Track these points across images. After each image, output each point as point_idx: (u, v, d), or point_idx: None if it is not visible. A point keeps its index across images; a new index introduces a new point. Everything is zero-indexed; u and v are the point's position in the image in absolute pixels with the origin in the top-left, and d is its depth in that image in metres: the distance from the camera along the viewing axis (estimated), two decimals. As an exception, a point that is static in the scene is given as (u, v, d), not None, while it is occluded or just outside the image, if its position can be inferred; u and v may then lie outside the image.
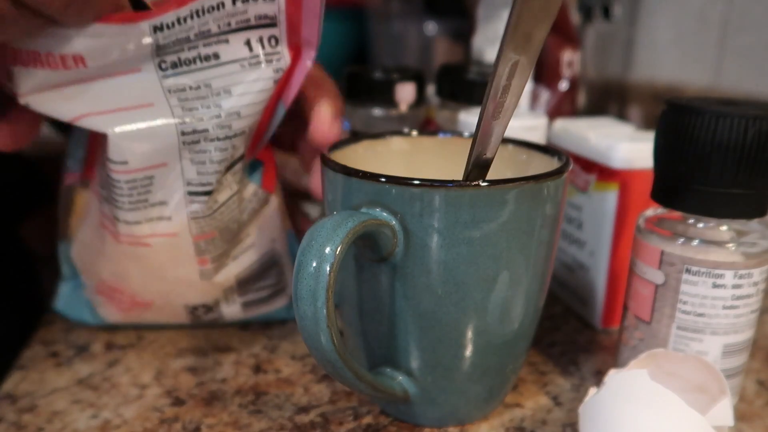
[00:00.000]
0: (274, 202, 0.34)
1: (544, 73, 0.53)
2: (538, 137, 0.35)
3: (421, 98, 0.42)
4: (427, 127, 0.45)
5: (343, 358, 0.22)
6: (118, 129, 0.28)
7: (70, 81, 0.27)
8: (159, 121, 0.28)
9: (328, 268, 0.21)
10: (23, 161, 0.47)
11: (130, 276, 0.32)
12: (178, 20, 0.26)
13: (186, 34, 0.27)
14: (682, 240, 0.26)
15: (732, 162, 0.24)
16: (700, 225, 0.26)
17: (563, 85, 0.53)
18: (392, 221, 0.23)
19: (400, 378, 0.26)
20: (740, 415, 0.28)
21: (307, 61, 0.29)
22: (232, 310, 0.34)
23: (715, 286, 0.25)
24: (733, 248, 0.25)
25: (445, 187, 0.22)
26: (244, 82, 0.28)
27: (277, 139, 0.34)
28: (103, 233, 0.31)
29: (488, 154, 0.24)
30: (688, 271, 0.25)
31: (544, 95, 0.53)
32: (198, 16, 0.27)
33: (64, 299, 0.36)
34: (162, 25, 0.26)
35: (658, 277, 0.26)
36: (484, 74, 0.40)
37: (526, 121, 0.35)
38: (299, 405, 0.28)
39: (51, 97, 0.27)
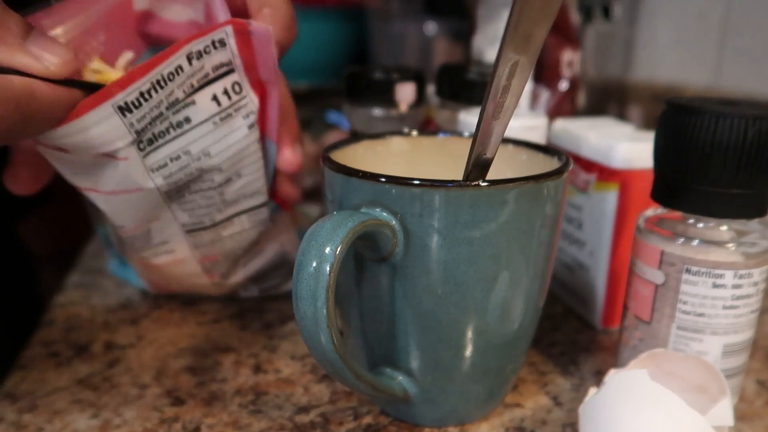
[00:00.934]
0: (284, 215, 0.35)
1: (544, 73, 0.53)
2: (538, 137, 0.35)
3: (421, 98, 0.42)
4: (427, 127, 0.45)
5: (343, 358, 0.22)
6: (111, 206, 0.30)
7: (68, 160, 0.28)
8: (147, 196, 0.29)
9: (328, 268, 0.21)
10: None
11: (153, 277, 0.36)
12: (141, 95, 0.26)
13: (158, 111, 0.27)
14: (682, 240, 0.26)
15: (732, 162, 0.24)
16: (700, 225, 0.26)
17: (563, 85, 0.53)
18: (392, 221, 0.23)
19: (400, 378, 0.26)
20: (740, 415, 0.28)
21: (275, 98, 0.30)
22: (250, 292, 0.38)
23: (715, 286, 0.25)
24: (733, 248, 0.25)
25: (445, 187, 0.22)
26: (219, 140, 0.29)
27: None
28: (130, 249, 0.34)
29: (488, 154, 0.24)
30: (688, 271, 0.25)
31: (544, 95, 0.53)
32: (161, 86, 0.26)
33: (114, 264, 0.40)
34: (126, 105, 0.26)
35: (658, 277, 0.26)
36: (484, 74, 0.40)
37: (526, 121, 0.35)
38: (299, 405, 0.28)
39: (60, 168, 0.28)
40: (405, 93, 0.41)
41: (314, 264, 0.21)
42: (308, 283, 0.21)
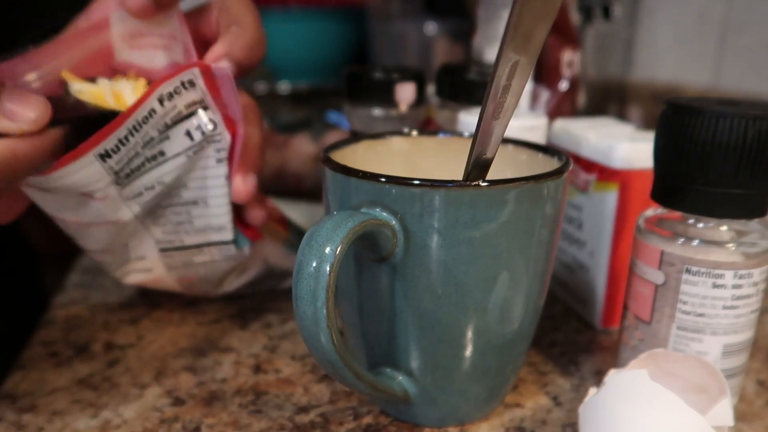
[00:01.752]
0: (262, 241, 0.36)
1: (544, 73, 0.53)
2: (538, 137, 0.35)
3: (421, 98, 0.42)
4: (427, 127, 0.45)
5: (343, 358, 0.22)
6: (83, 236, 0.31)
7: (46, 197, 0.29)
8: (123, 226, 0.31)
9: (328, 268, 0.21)
10: None
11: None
12: (120, 142, 0.27)
13: (134, 151, 0.28)
14: (682, 240, 0.26)
15: (732, 162, 0.24)
16: (700, 225, 0.26)
17: (563, 85, 0.53)
18: (392, 221, 0.23)
19: (400, 378, 0.26)
20: (740, 415, 0.28)
21: (240, 137, 0.31)
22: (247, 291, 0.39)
23: (715, 286, 0.25)
24: (733, 248, 0.25)
25: (445, 187, 0.22)
26: (191, 169, 0.30)
27: None
28: None
29: (488, 154, 0.24)
30: (688, 271, 0.25)
31: (544, 95, 0.53)
32: (136, 130, 0.28)
33: None
34: (106, 152, 0.27)
35: (658, 277, 0.26)
36: (484, 74, 0.40)
37: (526, 121, 0.35)
38: (299, 405, 0.28)
39: (37, 201, 0.29)
40: (405, 93, 0.41)
41: (314, 264, 0.21)
42: (308, 283, 0.21)
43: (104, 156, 0.27)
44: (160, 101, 0.28)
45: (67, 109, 0.27)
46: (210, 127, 0.30)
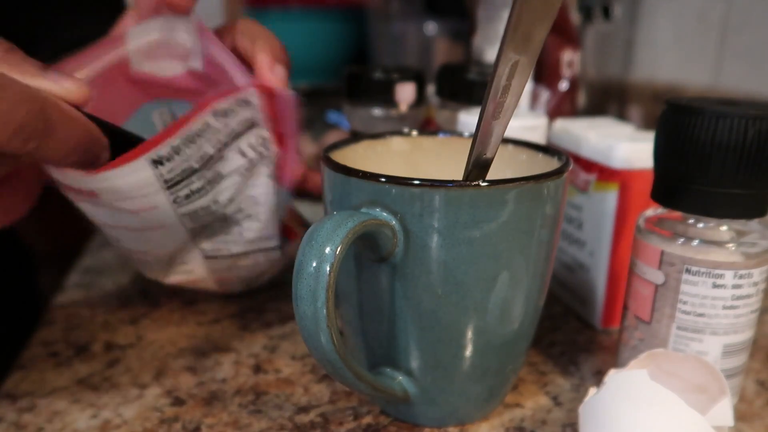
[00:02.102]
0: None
1: (544, 73, 0.53)
2: (538, 137, 0.35)
3: (421, 98, 0.42)
4: (427, 127, 0.45)
5: (343, 358, 0.22)
6: (135, 242, 0.32)
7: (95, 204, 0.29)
8: (173, 232, 0.31)
9: (328, 268, 0.21)
10: None
11: None
12: (174, 149, 0.27)
13: (188, 164, 0.28)
14: (682, 240, 0.26)
15: (732, 162, 0.24)
16: (700, 225, 0.26)
17: (563, 85, 0.53)
18: (392, 221, 0.23)
19: (400, 378, 0.26)
20: (740, 415, 0.28)
21: (293, 152, 0.32)
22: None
23: (715, 286, 0.25)
24: (733, 248, 0.25)
25: (445, 187, 0.22)
26: (245, 189, 0.31)
27: None
28: None
29: (488, 154, 0.24)
30: (688, 271, 0.25)
31: (544, 95, 0.53)
32: (192, 142, 0.28)
33: None
34: (160, 158, 0.27)
35: (658, 277, 0.26)
36: (484, 74, 0.40)
37: (526, 121, 0.35)
38: (299, 405, 0.28)
39: (85, 209, 0.30)
40: (405, 93, 0.41)
41: (314, 264, 0.21)
42: (308, 283, 0.21)
43: (157, 162, 0.27)
44: (215, 116, 0.28)
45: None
46: (262, 144, 0.30)
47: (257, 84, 0.29)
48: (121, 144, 0.27)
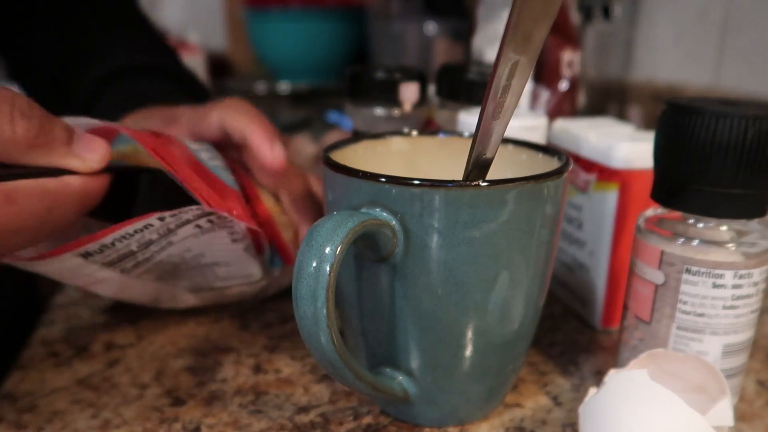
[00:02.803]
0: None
1: (544, 73, 0.53)
2: (538, 137, 0.35)
3: (423, 98, 0.42)
4: (428, 127, 0.45)
5: (343, 358, 0.22)
6: (113, 294, 0.33)
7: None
8: (140, 289, 0.33)
9: (328, 268, 0.21)
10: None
11: None
12: (104, 246, 0.28)
13: (126, 249, 0.29)
14: (682, 240, 0.26)
15: (732, 162, 0.24)
16: (700, 225, 0.26)
17: (563, 85, 0.53)
18: (392, 221, 0.23)
19: (400, 378, 0.26)
20: (740, 415, 0.28)
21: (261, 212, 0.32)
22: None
23: (715, 286, 0.25)
24: (733, 248, 0.25)
25: (445, 187, 0.22)
26: (201, 243, 0.30)
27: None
28: None
29: (488, 154, 0.24)
30: (688, 271, 0.25)
31: (544, 95, 0.53)
32: (125, 239, 0.28)
33: None
34: (87, 253, 0.28)
35: (658, 277, 0.26)
36: (484, 74, 0.40)
37: (526, 121, 0.35)
38: (299, 405, 0.28)
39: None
40: (409, 93, 0.41)
41: (314, 264, 0.21)
42: (308, 283, 0.21)
43: (87, 255, 0.28)
44: (161, 218, 0.28)
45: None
46: (220, 218, 0.29)
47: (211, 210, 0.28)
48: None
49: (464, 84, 0.40)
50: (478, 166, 0.24)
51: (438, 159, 0.31)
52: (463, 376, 0.25)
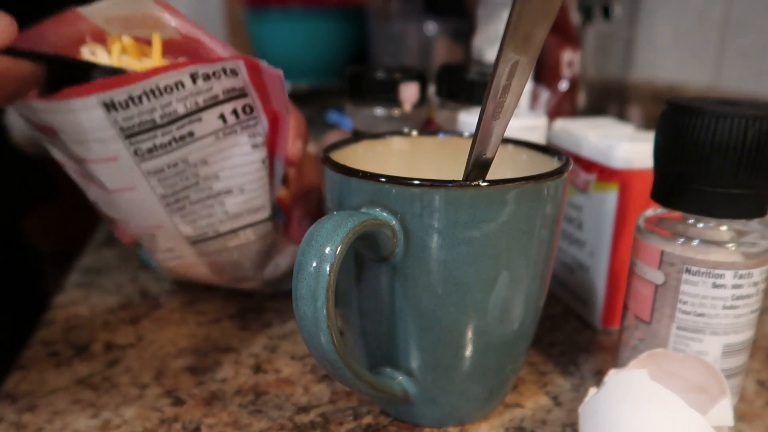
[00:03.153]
0: (297, 230, 0.37)
1: (544, 73, 0.53)
2: (538, 137, 0.35)
3: (423, 98, 0.42)
4: (428, 127, 0.45)
5: (343, 358, 0.22)
6: (107, 203, 0.31)
7: (63, 153, 0.30)
8: (143, 199, 0.30)
9: (328, 268, 0.21)
10: (26, 160, 0.48)
11: (173, 269, 0.36)
12: (131, 99, 0.27)
13: (149, 117, 0.27)
14: (682, 240, 0.26)
15: (732, 162, 0.24)
16: (700, 225, 0.26)
17: (563, 85, 0.53)
18: (392, 221, 0.23)
19: (400, 378, 0.26)
20: (740, 415, 0.28)
21: (286, 122, 0.31)
22: (272, 287, 0.38)
23: (715, 286, 0.25)
24: (733, 248, 0.25)
25: (445, 187, 0.22)
26: (219, 150, 0.30)
27: None
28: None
29: (488, 154, 0.24)
30: (688, 271, 0.25)
31: (544, 95, 0.53)
32: (154, 96, 0.27)
33: (145, 252, 0.39)
34: (113, 103, 0.26)
35: (658, 277, 0.26)
36: (484, 74, 0.40)
37: (526, 121, 0.35)
38: (299, 405, 0.28)
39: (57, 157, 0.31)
40: (409, 93, 0.41)
41: (314, 264, 0.21)
42: (308, 283, 0.21)
43: (109, 106, 0.26)
44: (193, 78, 0.27)
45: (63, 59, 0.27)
46: (246, 113, 0.29)
47: (243, 57, 0.28)
48: (79, 77, 0.26)
49: (464, 84, 0.40)
50: (478, 166, 0.24)
51: (438, 159, 0.31)
52: (463, 376, 0.25)
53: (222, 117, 0.29)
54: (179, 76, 0.27)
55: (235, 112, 0.29)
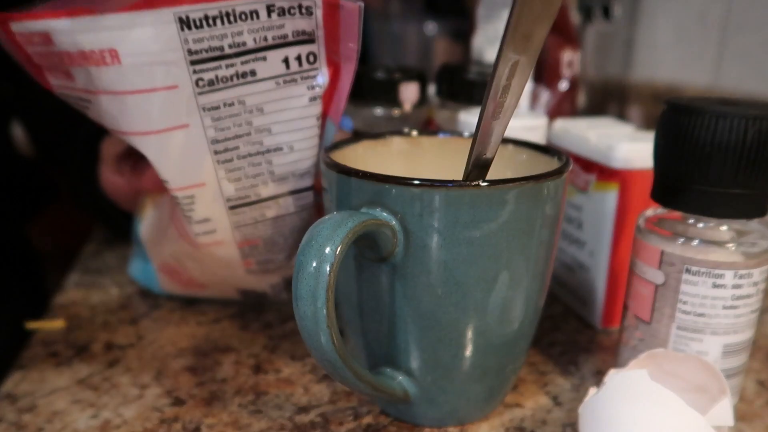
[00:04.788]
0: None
1: (544, 73, 0.53)
2: (538, 137, 0.35)
3: (423, 98, 0.42)
4: (428, 127, 0.45)
5: (343, 358, 0.22)
6: (156, 151, 0.29)
7: (116, 86, 0.27)
8: (193, 142, 0.28)
9: (328, 268, 0.21)
10: (29, 163, 0.48)
11: (187, 266, 0.35)
12: (206, 18, 0.26)
13: (219, 43, 0.27)
14: (682, 240, 0.26)
15: (732, 162, 0.24)
16: (700, 225, 0.26)
17: (563, 85, 0.53)
18: (392, 221, 0.23)
19: (400, 378, 0.26)
20: (740, 415, 0.28)
21: (348, 75, 0.29)
22: (281, 298, 0.37)
23: (715, 286, 0.25)
24: (733, 248, 0.25)
25: (445, 187, 0.22)
26: (276, 100, 0.29)
27: None
28: (169, 223, 0.34)
29: (488, 154, 0.24)
30: (688, 271, 0.25)
31: (544, 95, 0.53)
32: (229, 20, 0.26)
33: (137, 268, 0.39)
34: (188, 19, 0.26)
35: (658, 277, 0.26)
36: (484, 74, 0.40)
37: (526, 121, 0.35)
38: (299, 405, 0.28)
39: (106, 112, 0.28)
40: (409, 93, 0.41)
41: (314, 264, 0.21)
42: (308, 283, 0.21)
43: (184, 23, 0.25)
44: (269, 11, 0.26)
45: None
46: (309, 60, 0.28)
47: None
48: None
49: (464, 84, 0.40)
50: (478, 166, 0.24)
51: (438, 159, 0.31)
52: (463, 376, 0.25)
53: (286, 61, 0.28)
54: (256, 5, 0.26)
55: (299, 58, 0.28)
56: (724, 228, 0.26)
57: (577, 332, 0.35)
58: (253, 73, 0.28)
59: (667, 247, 0.26)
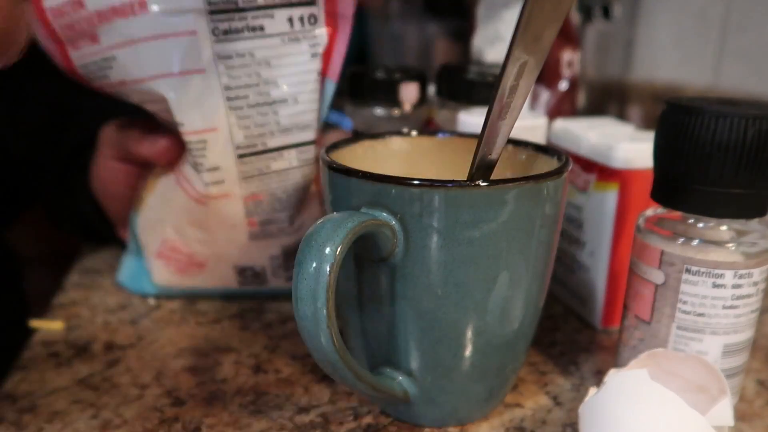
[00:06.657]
0: None
1: (544, 73, 0.53)
2: (538, 137, 0.35)
3: (423, 98, 0.42)
4: (428, 127, 0.45)
5: (343, 358, 0.22)
6: (176, 93, 0.31)
7: (142, 33, 0.30)
8: (209, 87, 0.31)
9: (328, 268, 0.21)
10: (12, 165, 0.47)
11: (189, 237, 0.36)
12: None
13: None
14: (682, 240, 0.26)
15: (732, 162, 0.24)
16: (700, 225, 0.26)
17: (563, 85, 0.53)
18: (392, 221, 0.23)
19: (400, 378, 0.26)
20: (740, 415, 0.28)
21: (345, 36, 0.33)
22: (277, 281, 0.38)
23: (715, 285, 0.25)
24: (733, 248, 0.25)
25: (445, 187, 0.22)
26: (281, 55, 0.31)
27: None
28: (175, 188, 0.35)
29: (493, 155, 0.24)
30: (688, 271, 0.25)
31: (544, 95, 0.53)
32: None
33: (127, 272, 0.39)
34: None
35: (658, 277, 0.26)
36: (484, 74, 0.40)
37: (526, 121, 0.35)
38: (299, 405, 0.28)
39: (129, 57, 0.30)
40: (409, 93, 0.41)
41: (314, 264, 0.21)
42: (308, 284, 0.21)
43: None
44: None
45: None
46: (310, 21, 0.31)
47: None
48: None
49: (464, 84, 0.40)
50: (482, 167, 0.24)
51: (438, 159, 0.31)
52: (463, 376, 0.25)
53: (290, 21, 0.31)
54: None
55: (301, 19, 0.31)
56: (724, 228, 0.26)
57: (577, 332, 0.35)
58: (261, 28, 0.30)
59: (667, 247, 0.26)
